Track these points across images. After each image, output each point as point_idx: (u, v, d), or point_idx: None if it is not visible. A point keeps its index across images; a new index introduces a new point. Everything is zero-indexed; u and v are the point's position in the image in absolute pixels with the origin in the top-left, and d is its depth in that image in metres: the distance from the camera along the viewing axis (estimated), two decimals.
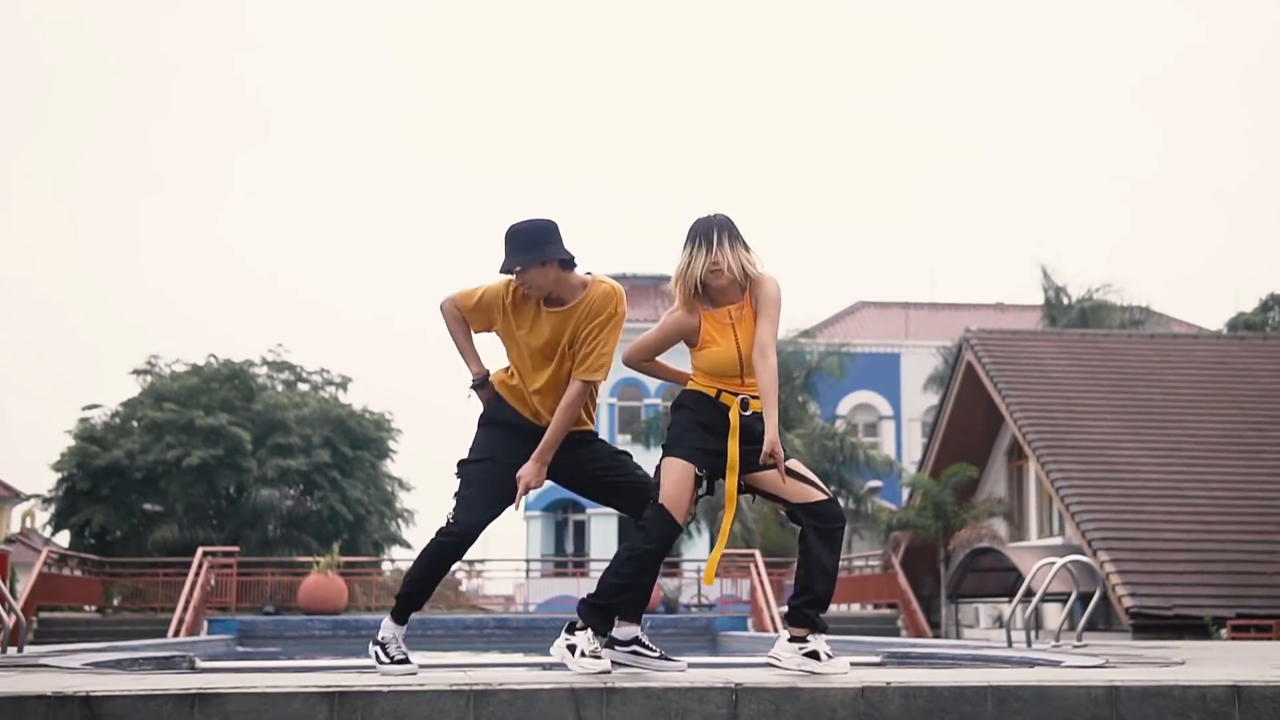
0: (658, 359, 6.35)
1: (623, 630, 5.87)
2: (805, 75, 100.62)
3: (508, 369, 6.38)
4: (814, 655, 5.73)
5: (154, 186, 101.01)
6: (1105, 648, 11.20)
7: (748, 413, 5.89)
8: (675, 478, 5.80)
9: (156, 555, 39.84)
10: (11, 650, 9.21)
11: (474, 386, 6.35)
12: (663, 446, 5.97)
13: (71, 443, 46.34)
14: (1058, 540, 27.46)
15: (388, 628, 6.11)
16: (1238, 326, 44.81)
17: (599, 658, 5.60)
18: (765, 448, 5.69)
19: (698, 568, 36.41)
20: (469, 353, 6.40)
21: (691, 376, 6.06)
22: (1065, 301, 43.65)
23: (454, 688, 4.88)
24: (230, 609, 28.79)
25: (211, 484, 45.04)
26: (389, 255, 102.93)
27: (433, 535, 6.09)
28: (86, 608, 31.76)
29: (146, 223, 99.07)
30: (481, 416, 6.33)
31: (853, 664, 5.85)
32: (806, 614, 5.94)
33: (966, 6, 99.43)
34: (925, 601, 30.47)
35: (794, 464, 5.89)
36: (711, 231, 5.96)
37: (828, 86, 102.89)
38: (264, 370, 51.23)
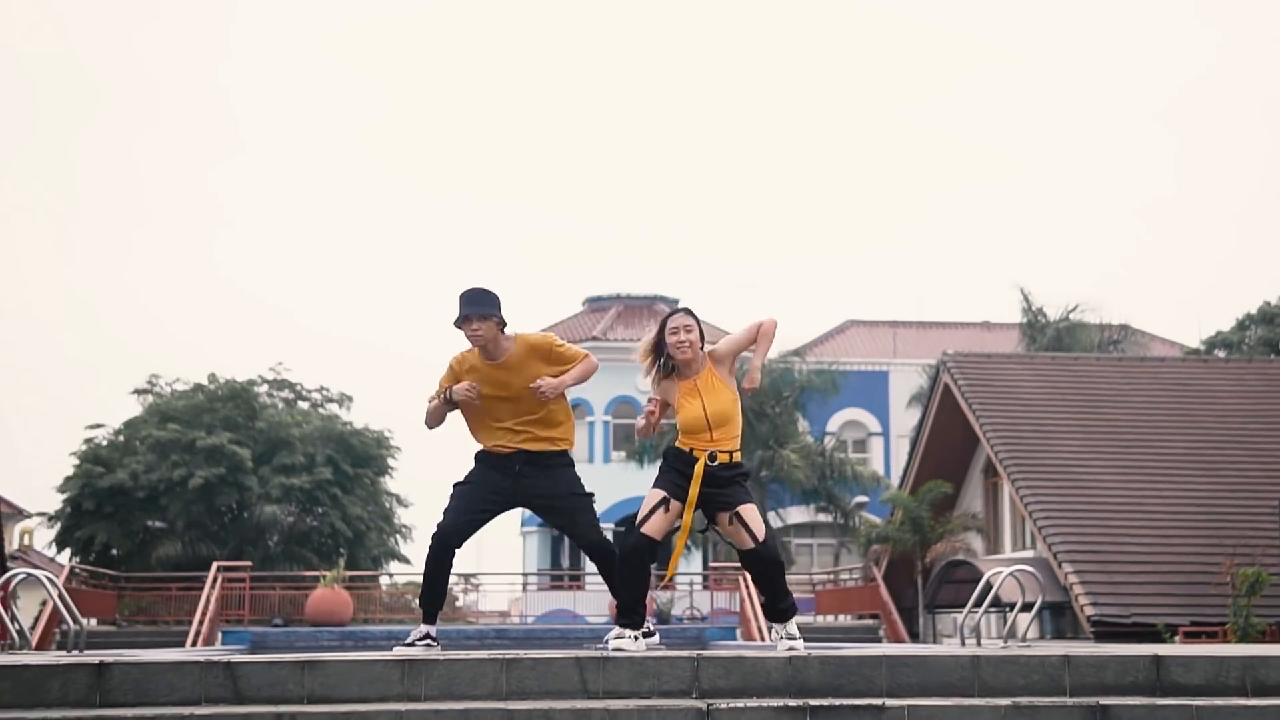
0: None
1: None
2: (797, 97, 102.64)
3: (470, 429, 8.41)
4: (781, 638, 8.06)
5: (150, 204, 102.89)
6: (1046, 648, 13.07)
7: (714, 464, 7.89)
8: (648, 502, 7.90)
9: (160, 571, 41.25)
10: (75, 653, 11.02)
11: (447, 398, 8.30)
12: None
13: (76, 464, 47.78)
14: (1029, 553, 29.30)
15: (423, 628, 8.18)
16: (1215, 345, 46.67)
17: (636, 639, 7.71)
18: (747, 383, 8.04)
19: (689, 581, 38.28)
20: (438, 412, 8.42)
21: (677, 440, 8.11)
22: (1043, 322, 45.55)
23: (491, 657, 6.81)
24: (243, 621, 30.46)
25: (213, 501, 46.34)
26: (385, 275, 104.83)
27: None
28: (92, 621, 33.43)
29: (142, 243, 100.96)
30: (475, 455, 8.42)
31: None
32: (767, 613, 8.21)
33: (955, 32, 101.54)
34: (907, 612, 32.31)
35: (745, 511, 7.96)
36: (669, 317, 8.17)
37: (819, 109, 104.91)
38: (264, 389, 52.63)
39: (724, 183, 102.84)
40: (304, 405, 53.63)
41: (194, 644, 26.82)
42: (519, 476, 8.24)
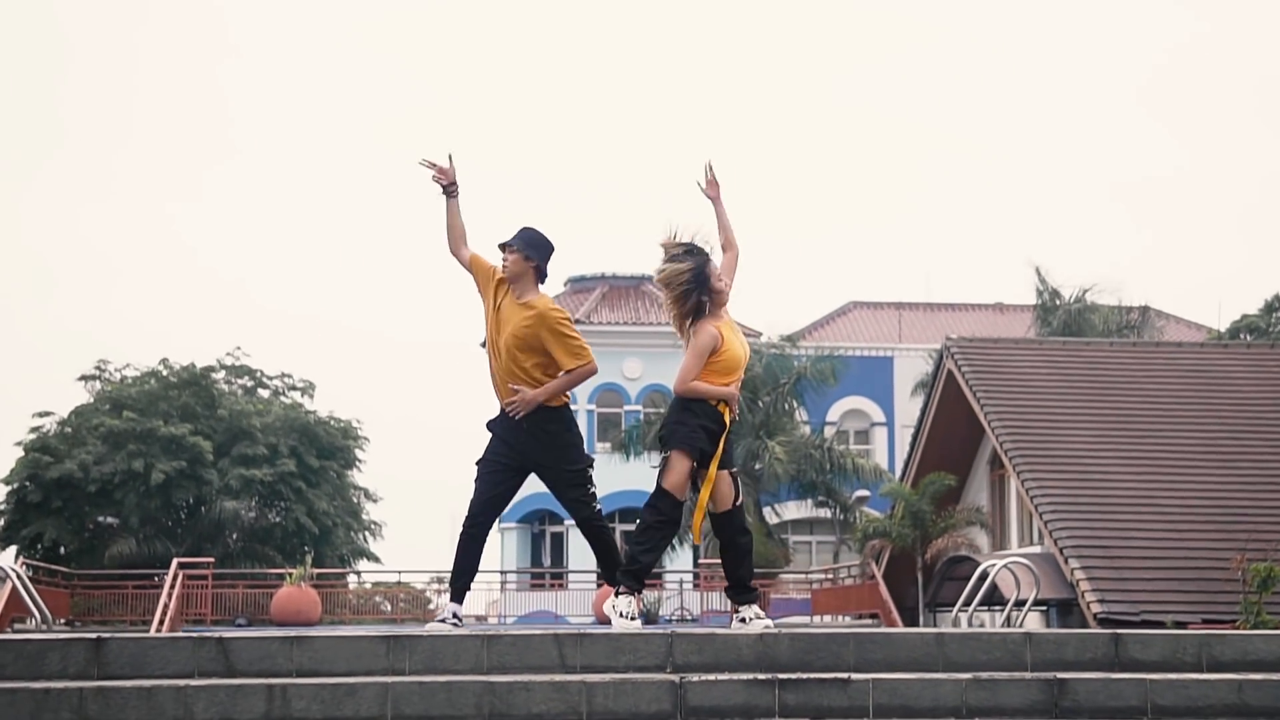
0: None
1: None
2: (795, 68, 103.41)
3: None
4: (743, 621, 8.82)
5: (101, 181, 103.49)
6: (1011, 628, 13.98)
7: (733, 418, 8.81)
8: (680, 470, 8.70)
9: (111, 570, 41.71)
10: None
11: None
12: (664, 439, 8.84)
13: (21, 454, 48.28)
14: (1036, 549, 30.07)
15: (447, 607, 9.03)
16: (1241, 329, 47.48)
17: (634, 619, 8.50)
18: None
19: (679, 580, 39.19)
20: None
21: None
22: (1059, 303, 46.28)
23: (472, 633, 7.73)
24: (205, 620, 31.28)
25: (169, 496, 46.82)
26: (351, 251, 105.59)
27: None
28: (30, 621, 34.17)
29: (87, 215, 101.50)
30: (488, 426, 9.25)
31: None
32: (734, 592, 9.06)
33: (960, 6, 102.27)
34: (908, 612, 33.11)
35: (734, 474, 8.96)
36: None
37: (817, 77, 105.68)
38: (222, 375, 53.19)
39: (715, 154, 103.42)
40: (264, 393, 54.17)
41: None
42: (513, 437, 9.02)
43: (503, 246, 9.15)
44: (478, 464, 9.11)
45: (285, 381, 54.96)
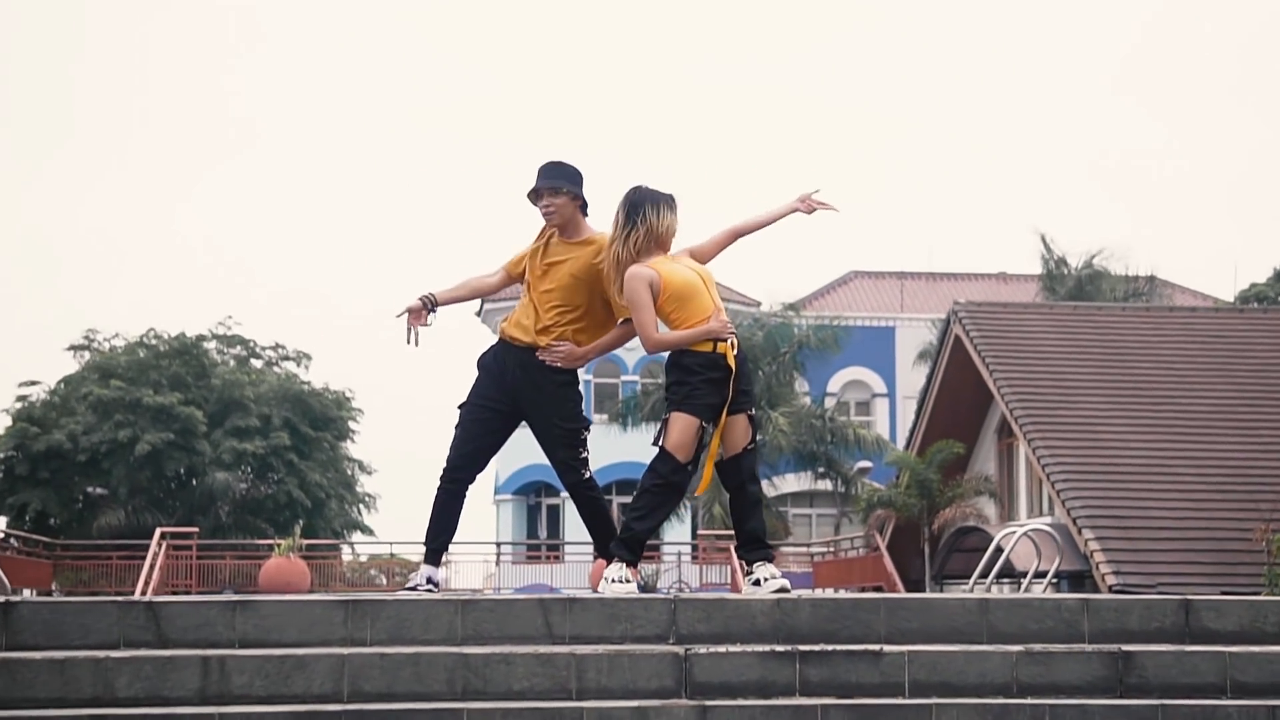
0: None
1: None
2: (794, 39, 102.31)
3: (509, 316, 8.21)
4: (756, 583, 7.62)
5: (90, 150, 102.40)
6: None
7: (736, 353, 7.67)
8: (682, 428, 7.59)
9: (106, 541, 41.05)
10: None
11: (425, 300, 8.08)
12: (669, 401, 7.77)
13: (9, 423, 47.46)
14: (1047, 520, 29.10)
15: (421, 572, 7.92)
16: (1249, 298, 46.58)
17: (628, 582, 7.39)
18: None
19: (677, 552, 38.23)
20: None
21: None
22: (1065, 271, 45.39)
23: (445, 598, 6.66)
24: (190, 592, 30.40)
25: (160, 467, 46.08)
26: (346, 221, 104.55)
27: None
28: (28, 592, 33.32)
29: (76, 184, 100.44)
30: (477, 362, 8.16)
31: None
32: (745, 550, 7.85)
33: None
34: (914, 585, 32.19)
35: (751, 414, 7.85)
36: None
37: (818, 42, 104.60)
38: (213, 345, 52.31)
39: (716, 119, 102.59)
40: (257, 363, 53.37)
41: None
42: (508, 378, 7.99)
43: (538, 193, 7.99)
44: (461, 408, 8.03)
45: (279, 352, 54.13)
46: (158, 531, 30.48)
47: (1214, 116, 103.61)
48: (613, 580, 7.43)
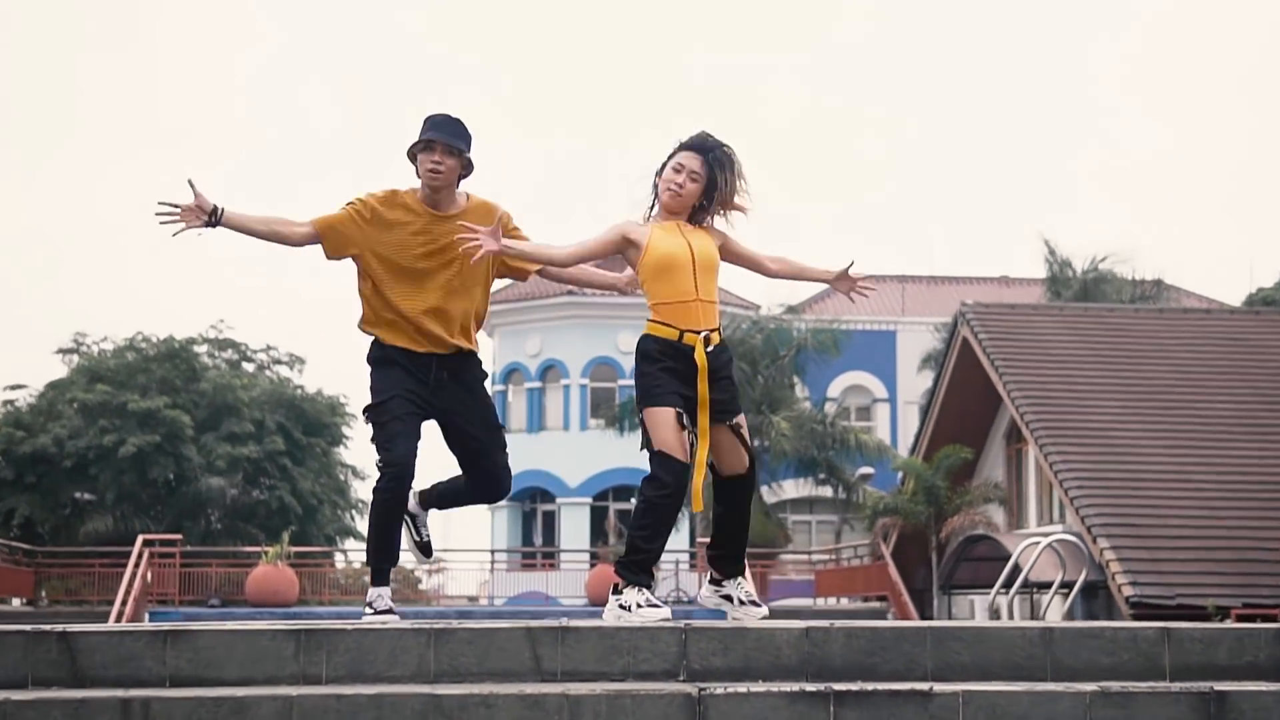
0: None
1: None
2: (796, 38, 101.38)
3: (364, 317, 7.09)
4: (728, 598, 6.80)
5: (78, 142, 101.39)
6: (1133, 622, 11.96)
7: (710, 350, 6.66)
8: (660, 423, 6.58)
9: (90, 548, 40.25)
10: None
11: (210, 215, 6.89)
12: (637, 401, 6.78)
13: None
14: (1058, 528, 28.27)
15: (370, 591, 6.88)
16: (1256, 302, 45.66)
17: (656, 606, 6.38)
18: None
19: (674, 560, 37.22)
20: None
21: (650, 316, 6.82)
22: (1070, 275, 44.48)
23: (415, 626, 5.62)
24: (173, 601, 29.47)
25: (146, 472, 45.29)
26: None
27: (373, 491, 6.86)
28: (15, 600, 32.44)
29: (65, 180, 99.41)
30: (370, 358, 7.05)
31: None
32: (725, 563, 6.95)
33: None
34: (918, 595, 31.28)
35: (742, 422, 6.81)
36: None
37: (819, 38, 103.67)
38: (205, 349, 51.50)
39: (715, 119, 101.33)
40: (249, 367, 52.66)
41: None
42: (437, 388, 6.95)
43: (430, 146, 6.89)
44: (381, 404, 6.88)
45: (271, 355, 53.38)
46: (140, 539, 29.44)
47: (1220, 119, 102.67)
48: (636, 605, 6.40)
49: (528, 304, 51.29)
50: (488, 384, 7.37)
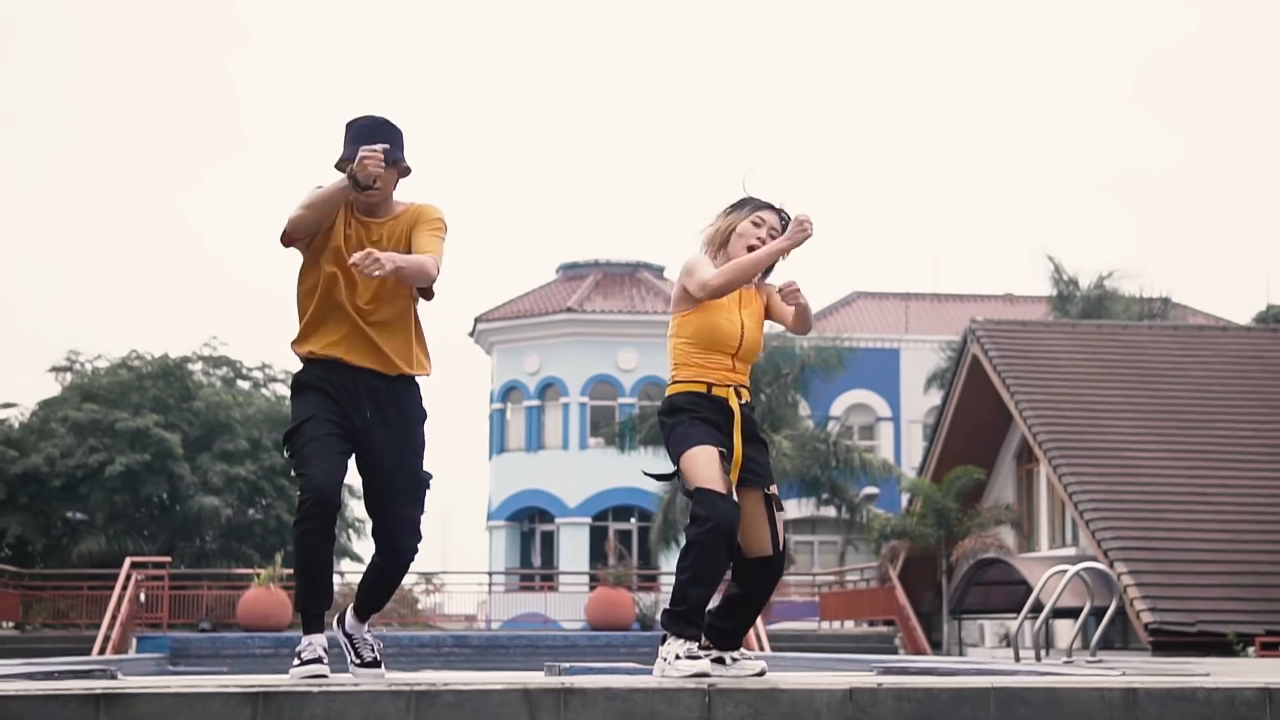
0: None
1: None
2: (797, 55, 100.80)
3: (299, 338, 6.36)
4: (719, 661, 6.00)
5: (68, 152, 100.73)
6: (1123, 663, 11.16)
7: (744, 404, 6.16)
8: (702, 460, 5.92)
9: (81, 569, 39.63)
10: None
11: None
12: (673, 454, 6.13)
13: None
14: (1070, 551, 27.50)
15: (301, 640, 6.11)
16: (1267, 319, 44.90)
17: (696, 658, 5.66)
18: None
19: (673, 581, 36.36)
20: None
21: (673, 374, 6.25)
22: (1075, 292, 43.71)
23: (393, 688, 4.78)
24: (162, 625, 28.72)
25: (138, 491, 44.71)
26: None
27: (294, 523, 6.03)
28: (3, 624, 31.66)
29: (67, 204, 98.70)
30: (292, 387, 6.37)
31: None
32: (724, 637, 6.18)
33: None
34: (925, 619, 30.50)
35: (775, 497, 6.15)
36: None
37: (817, 58, 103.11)
38: (199, 366, 50.94)
39: (713, 137, 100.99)
40: (244, 385, 52.12)
41: (102, 652, 25.21)
42: (365, 409, 6.17)
43: (348, 161, 6.25)
44: (300, 425, 6.16)
45: (266, 373, 52.79)
46: (127, 561, 28.63)
47: (1227, 132, 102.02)
48: (676, 656, 5.66)
49: (526, 321, 50.56)
50: (487, 403, 6.56)
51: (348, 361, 6.15)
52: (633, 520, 48.94)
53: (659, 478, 6.56)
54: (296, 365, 6.44)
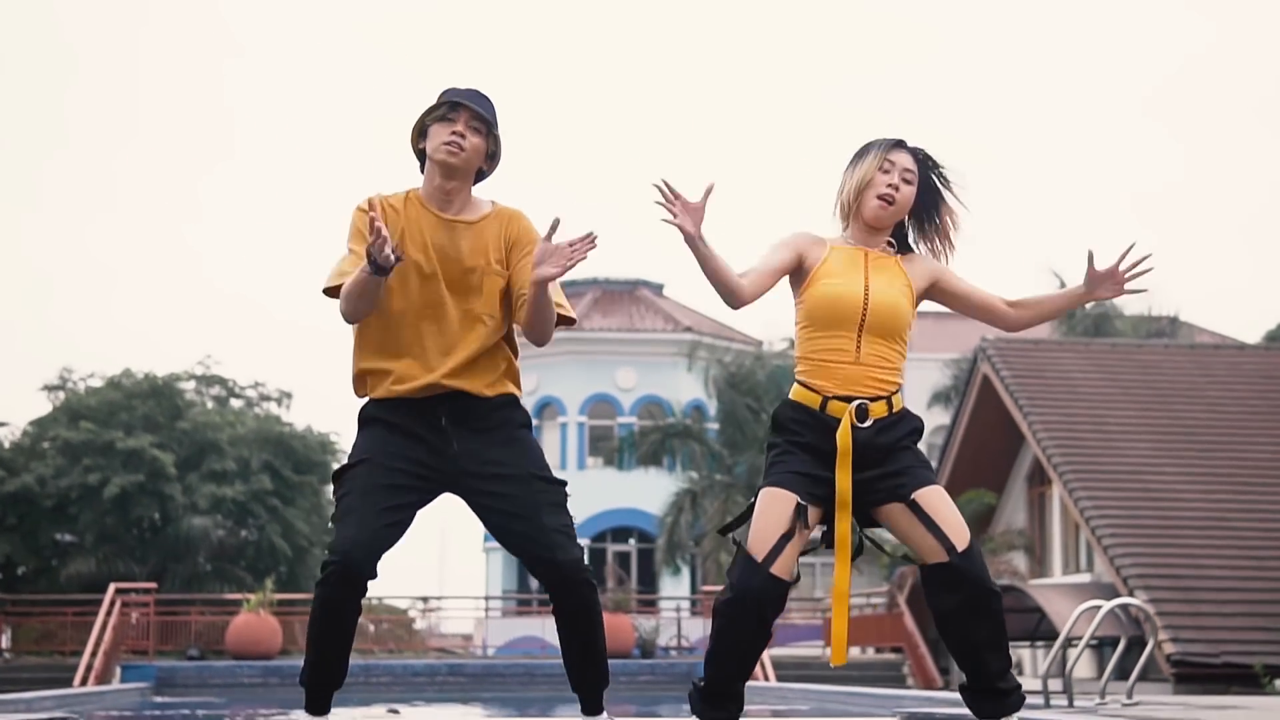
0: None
1: None
2: (801, 71, 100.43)
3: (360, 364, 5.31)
4: None
5: (66, 175, 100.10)
6: (1162, 707, 10.27)
7: (865, 424, 4.97)
8: (762, 509, 4.93)
9: (70, 591, 39.11)
10: None
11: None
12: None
13: None
14: (1085, 577, 26.73)
15: None
16: (1278, 338, 44.22)
17: None
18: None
19: (676, 605, 35.59)
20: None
21: (795, 376, 5.20)
22: (1082, 311, 42.95)
23: None
24: (149, 653, 27.99)
25: (129, 512, 44.22)
26: (333, 251, 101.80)
27: (315, 584, 5.10)
28: None
29: (63, 220, 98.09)
30: (360, 417, 5.31)
31: None
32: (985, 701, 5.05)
33: (972, 7, 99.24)
34: (934, 645, 29.68)
35: (927, 496, 4.99)
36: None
37: (818, 76, 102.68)
38: (191, 385, 50.50)
39: (713, 152, 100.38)
40: (237, 404, 51.76)
41: (84, 682, 24.53)
42: (447, 439, 5.17)
43: (452, 115, 5.21)
44: (350, 470, 5.17)
45: (260, 392, 52.41)
46: (111, 588, 27.84)
47: (1237, 149, 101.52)
48: None
49: (522, 339, 49.88)
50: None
51: (414, 395, 5.30)
52: (632, 541, 48.17)
53: (728, 529, 5.34)
54: (293, 384, 5.54)
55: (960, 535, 4.93)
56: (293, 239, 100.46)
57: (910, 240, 5.37)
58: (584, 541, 49.00)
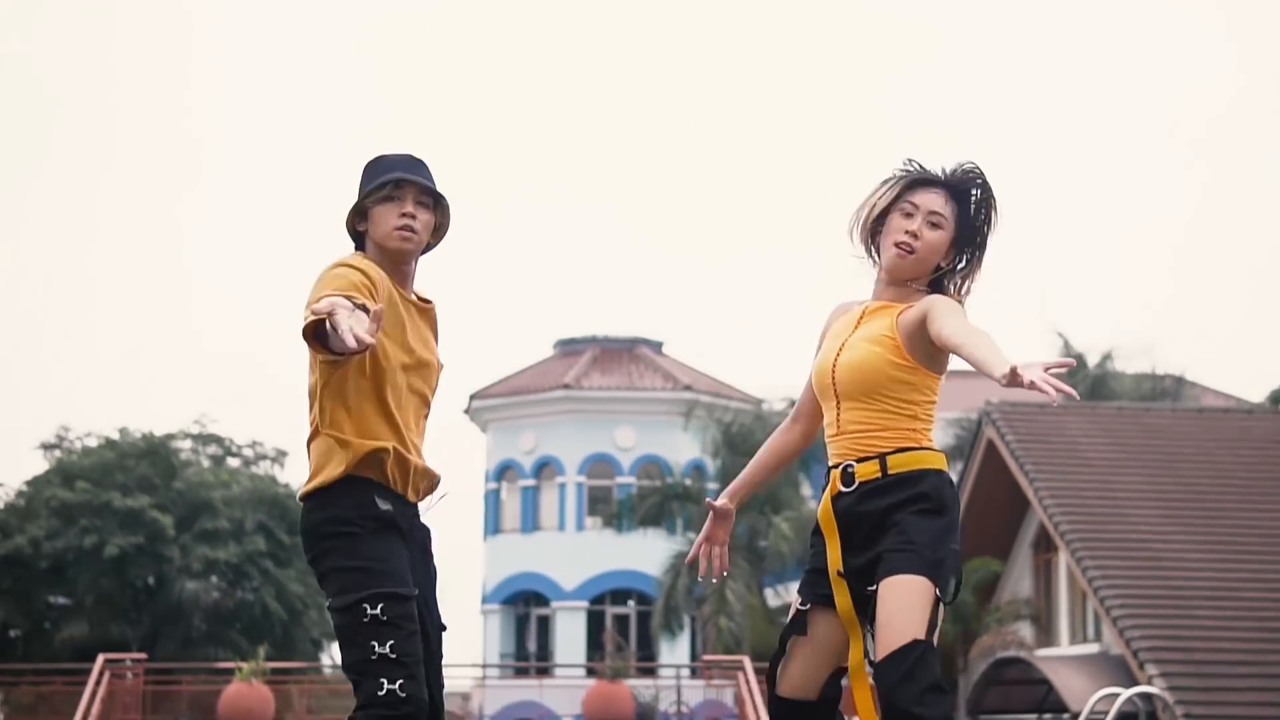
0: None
1: None
2: (793, 114, 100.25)
3: (337, 438, 4.74)
4: None
5: (52, 224, 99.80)
6: None
7: (850, 489, 4.50)
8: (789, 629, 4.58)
9: (64, 655, 38.88)
10: None
11: None
12: None
13: None
14: (1094, 647, 26.27)
15: None
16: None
17: None
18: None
19: (675, 671, 35.06)
20: None
21: None
22: (1084, 370, 42.50)
23: None
24: None
25: (125, 575, 43.91)
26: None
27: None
28: None
29: (47, 269, 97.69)
30: (374, 515, 4.69)
31: None
32: None
33: (964, 43, 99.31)
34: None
35: (889, 588, 4.36)
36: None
37: (819, 126, 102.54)
38: (187, 444, 50.19)
39: (710, 209, 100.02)
40: (234, 463, 51.38)
41: None
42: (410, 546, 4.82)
43: (386, 199, 4.78)
44: (401, 599, 4.62)
45: (256, 450, 52.02)
46: (100, 658, 27.32)
47: (1242, 206, 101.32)
48: None
49: (521, 399, 49.48)
50: (482, 482, 5.09)
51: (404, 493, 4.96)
52: (631, 603, 47.61)
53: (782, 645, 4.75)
54: (290, 443, 5.07)
55: (885, 642, 4.31)
56: (289, 297, 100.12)
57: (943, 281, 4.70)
58: (583, 604, 48.55)
